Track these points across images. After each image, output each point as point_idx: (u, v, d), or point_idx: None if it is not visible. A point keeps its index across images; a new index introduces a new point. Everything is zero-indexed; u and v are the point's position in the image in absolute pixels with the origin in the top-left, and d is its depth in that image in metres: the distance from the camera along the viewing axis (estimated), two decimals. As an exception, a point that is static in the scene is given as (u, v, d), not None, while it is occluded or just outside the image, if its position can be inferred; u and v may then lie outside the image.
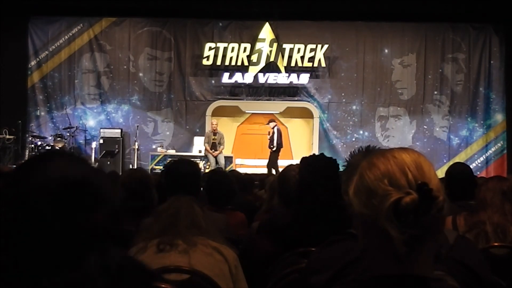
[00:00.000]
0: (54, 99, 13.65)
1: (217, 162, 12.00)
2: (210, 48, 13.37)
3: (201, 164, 11.73)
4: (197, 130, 13.45)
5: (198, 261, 2.15)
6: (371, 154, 1.21)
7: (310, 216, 2.50)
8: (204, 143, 12.20)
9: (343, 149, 13.08)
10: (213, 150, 12.04)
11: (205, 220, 2.31)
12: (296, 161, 7.73)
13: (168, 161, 12.20)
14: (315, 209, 2.49)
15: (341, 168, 2.19)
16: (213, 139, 12.11)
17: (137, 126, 13.12)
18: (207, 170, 10.52)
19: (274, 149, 12.00)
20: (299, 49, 13.29)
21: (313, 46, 13.25)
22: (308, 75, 13.36)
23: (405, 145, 3.42)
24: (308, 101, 13.57)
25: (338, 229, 1.65)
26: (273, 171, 11.01)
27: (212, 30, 13.63)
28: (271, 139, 12.04)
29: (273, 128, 12.11)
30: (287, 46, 13.33)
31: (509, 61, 13.26)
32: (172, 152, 12.78)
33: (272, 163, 11.89)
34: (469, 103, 13.51)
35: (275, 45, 13.25)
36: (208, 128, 12.87)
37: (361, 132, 13.57)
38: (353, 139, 13.37)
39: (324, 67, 13.38)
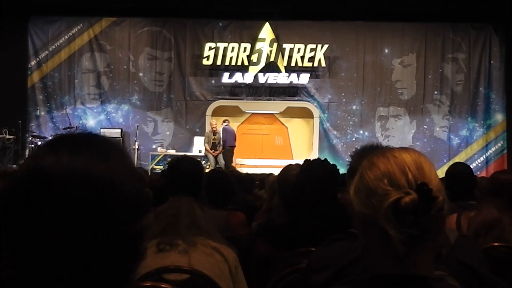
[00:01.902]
0: (54, 99, 13.64)
1: (217, 162, 12.02)
2: (210, 48, 13.36)
3: (201, 164, 11.71)
4: (197, 130, 13.45)
5: (198, 261, 2.15)
6: (372, 154, 1.21)
7: (303, 217, 2.52)
8: (204, 143, 12.22)
9: (343, 149, 13.08)
10: (213, 150, 12.06)
11: (205, 220, 2.31)
12: (296, 161, 7.73)
13: (168, 160, 12.20)
14: (308, 210, 2.51)
15: (342, 168, 2.20)
16: (213, 139, 12.14)
17: (137, 126, 13.11)
18: (207, 170, 10.49)
19: (221, 147, 12.17)
20: (299, 49, 13.28)
21: (313, 46, 13.24)
22: (308, 75, 13.35)
23: (405, 145, 3.42)
24: (308, 101, 13.56)
25: (332, 229, 1.66)
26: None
27: (212, 30, 13.62)
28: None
29: (223, 127, 12.33)
30: (287, 46, 13.32)
31: (509, 61, 13.26)
32: (172, 152, 12.77)
33: (226, 162, 12.07)
34: (469, 103, 13.51)
35: (275, 45, 13.24)
36: (208, 128, 12.87)
37: (361, 132, 13.56)
38: (353, 139, 13.36)
39: (324, 67, 13.37)
